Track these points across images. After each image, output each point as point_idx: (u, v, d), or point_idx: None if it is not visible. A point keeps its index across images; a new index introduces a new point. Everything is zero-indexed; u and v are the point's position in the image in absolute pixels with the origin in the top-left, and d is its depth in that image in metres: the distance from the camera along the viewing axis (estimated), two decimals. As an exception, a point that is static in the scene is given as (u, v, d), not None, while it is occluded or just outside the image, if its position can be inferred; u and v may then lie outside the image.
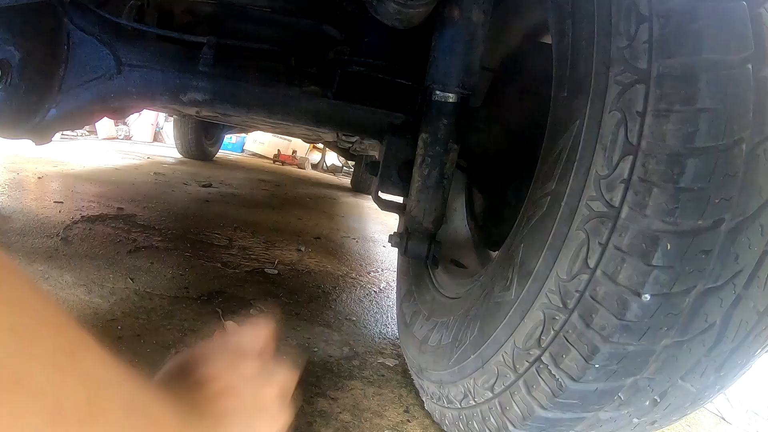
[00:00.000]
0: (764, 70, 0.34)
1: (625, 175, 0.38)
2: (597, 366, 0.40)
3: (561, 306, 0.43)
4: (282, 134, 3.03)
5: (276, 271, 1.25)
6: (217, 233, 1.51)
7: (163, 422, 0.24)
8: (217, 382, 0.31)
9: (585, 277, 0.41)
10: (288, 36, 0.95)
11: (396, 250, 1.02)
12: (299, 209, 2.32)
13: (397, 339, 0.98)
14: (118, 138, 4.53)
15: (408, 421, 0.70)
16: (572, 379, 0.41)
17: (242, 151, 5.29)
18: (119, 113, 0.94)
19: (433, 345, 0.65)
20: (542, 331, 0.45)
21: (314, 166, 5.13)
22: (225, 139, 4.47)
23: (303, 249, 1.53)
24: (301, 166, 4.90)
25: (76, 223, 1.34)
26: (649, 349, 0.39)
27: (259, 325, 0.37)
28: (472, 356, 0.54)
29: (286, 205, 2.40)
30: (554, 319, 0.43)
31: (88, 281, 0.96)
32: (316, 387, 0.74)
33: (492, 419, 0.52)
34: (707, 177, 0.34)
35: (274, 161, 4.89)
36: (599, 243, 0.40)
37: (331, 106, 0.82)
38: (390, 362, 0.88)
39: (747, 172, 0.35)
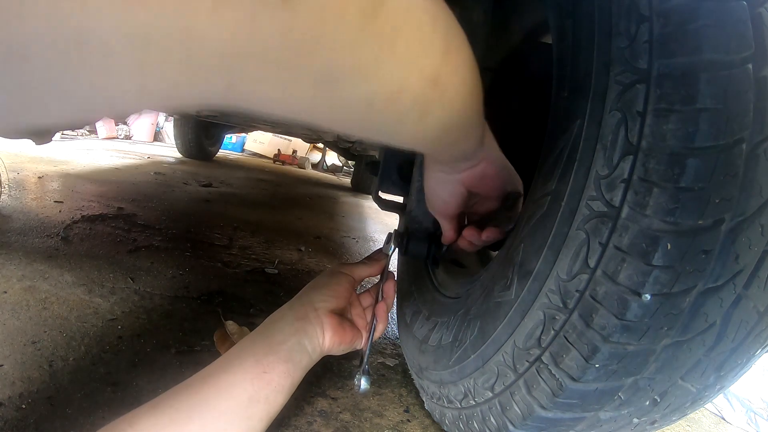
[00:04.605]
0: (764, 70, 0.34)
1: (626, 175, 0.38)
2: (597, 366, 0.40)
3: (561, 306, 0.43)
4: (282, 134, 3.03)
5: (276, 271, 1.25)
6: (217, 233, 1.51)
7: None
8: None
9: (585, 276, 0.41)
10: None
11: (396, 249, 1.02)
12: (299, 209, 2.32)
13: (398, 339, 0.98)
14: (118, 138, 4.53)
15: (408, 420, 0.70)
16: (572, 378, 0.41)
17: (242, 150, 5.28)
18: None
19: (433, 345, 0.65)
20: (542, 331, 0.45)
21: (314, 166, 5.13)
22: (225, 139, 4.46)
23: (303, 249, 1.53)
24: (301, 166, 4.90)
25: (76, 222, 1.34)
26: (649, 348, 0.39)
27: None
28: (472, 356, 0.54)
29: (286, 204, 2.40)
30: (554, 318, 0.43)
31: (88, 281, 0.96)
32: (316, 386, 0.74)
33: (492, 419, 0.52)
34: (707, 177, 0.34)
35: (275, 161, 4.89)
36: (599, 243, 0.40)
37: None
38: (390, 362, 0.88)
39: (747, 172, 0.35)
